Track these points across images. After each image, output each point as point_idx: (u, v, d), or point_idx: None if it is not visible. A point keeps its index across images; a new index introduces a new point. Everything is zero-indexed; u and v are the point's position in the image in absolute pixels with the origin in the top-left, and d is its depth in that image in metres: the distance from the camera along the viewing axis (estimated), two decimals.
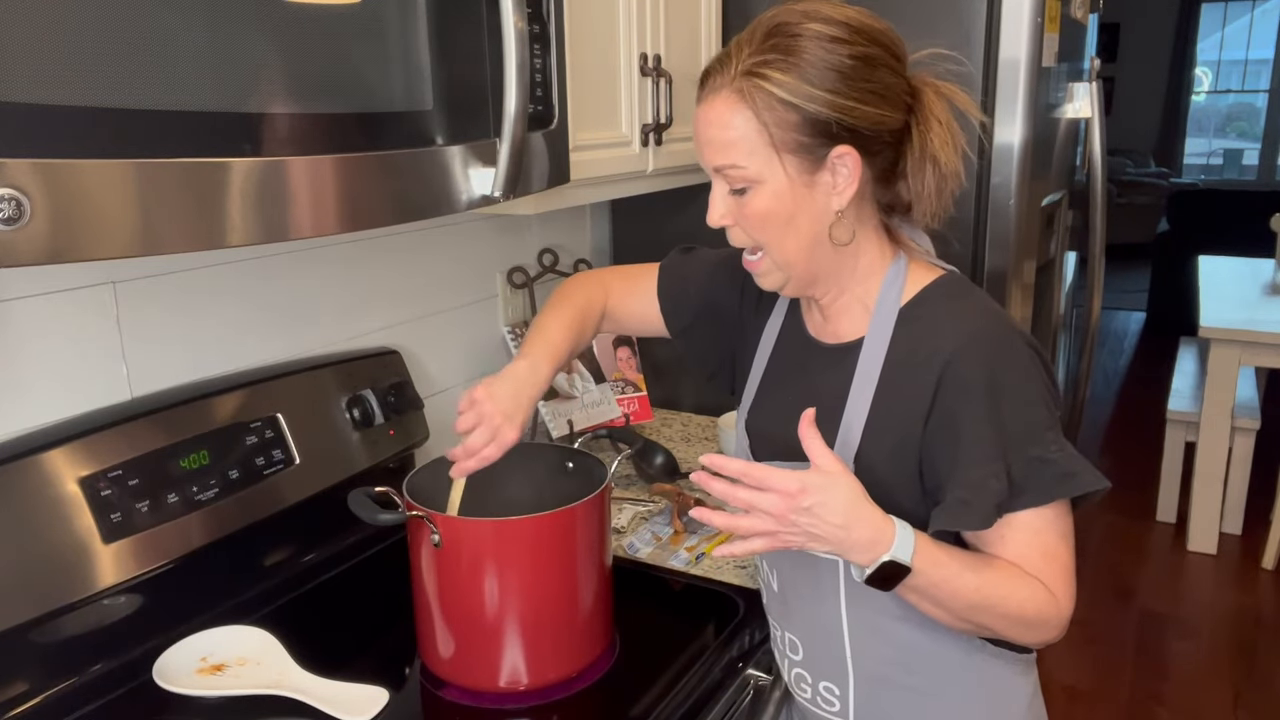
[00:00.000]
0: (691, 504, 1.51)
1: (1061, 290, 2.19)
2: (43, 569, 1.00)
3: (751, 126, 0.91)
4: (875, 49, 0.91)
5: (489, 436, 1.05)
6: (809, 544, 0.88)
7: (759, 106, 0.90)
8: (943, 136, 0.94)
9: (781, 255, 0.97)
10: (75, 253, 0.68)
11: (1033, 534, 0.91)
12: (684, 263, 1.24)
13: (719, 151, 0.93)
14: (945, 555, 0.89)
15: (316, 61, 0.83)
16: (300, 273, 1.40)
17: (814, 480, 0.86)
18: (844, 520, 0.86)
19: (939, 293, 0.98)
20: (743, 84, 0.90)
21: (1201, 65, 8.95)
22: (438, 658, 1.10)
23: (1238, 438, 3.44)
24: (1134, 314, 7.01)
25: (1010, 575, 0.90)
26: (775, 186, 0.92)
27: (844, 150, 0.91)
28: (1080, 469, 0.91)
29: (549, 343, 1.14)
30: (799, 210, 0.93)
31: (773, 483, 0.86)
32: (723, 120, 0.92)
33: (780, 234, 0.95)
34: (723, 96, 0.92)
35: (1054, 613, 0.91)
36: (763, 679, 1.20)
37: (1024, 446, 0.90)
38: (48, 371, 1.10)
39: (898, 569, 0.86)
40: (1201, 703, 2.68)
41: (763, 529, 0.87)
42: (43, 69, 0.64)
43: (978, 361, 0.91)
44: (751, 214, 0.94)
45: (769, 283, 1.01)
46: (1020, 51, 1.55)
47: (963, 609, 0.90)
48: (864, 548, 0.86)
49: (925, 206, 0.97)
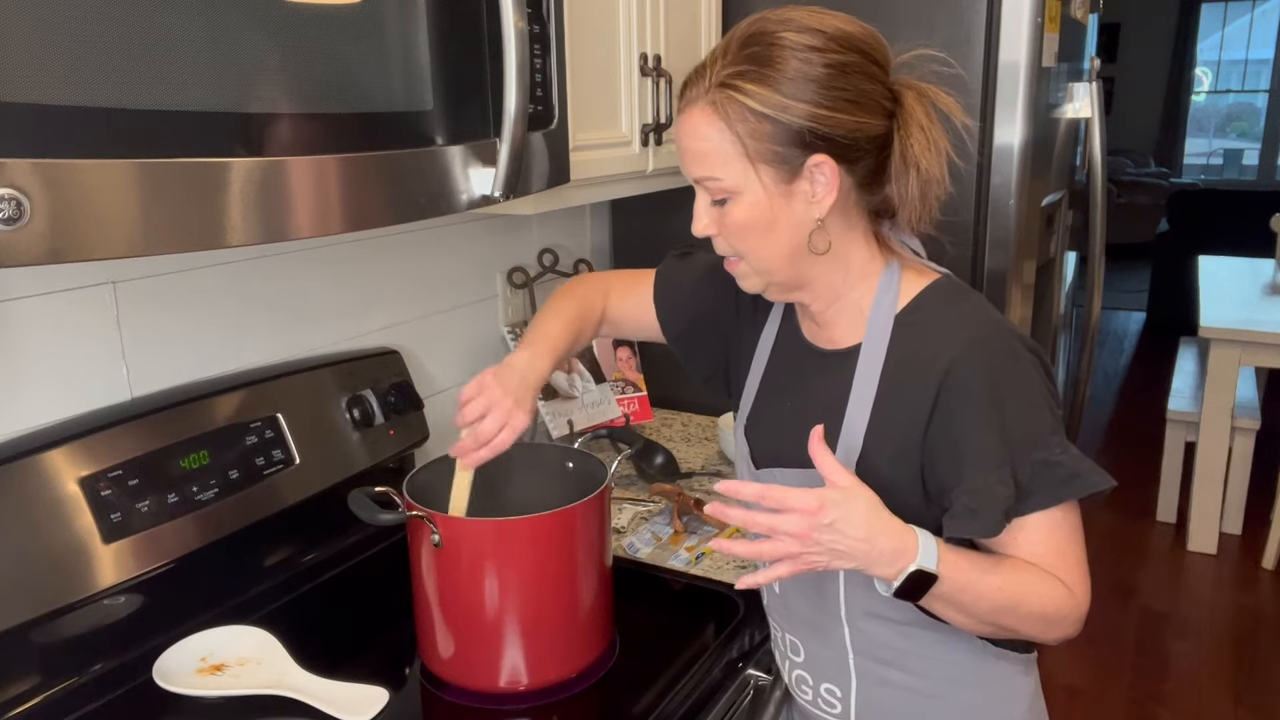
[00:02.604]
0: (691, 504, 1.51)
1: (1061, 290, 2.19)
2: (43, 569, 1.00)
3: (726, 138, 0.91)
4: (852, 56, 0.90)
5: (501, 421, 1.05)
6: (834, 562, 0.87)
7: (732, 118, 0.90)
8: (923, 142, 0.93)
9: (761, 263, 0.97)
10: (75, 253, 0.68)
11: (1044, 534, 0.91)
12: (679, 268, 1.23)
13: (697, 163, 0.94)
14: (966, 560, 0.89)
15: (316, 61, 0.83)
16: (300, 273, 1.40)
17: (832, 495, 0.85)
18: (867, 533, 0.85)
19: (935, 297, 0.98)
20: (716, 95, 0.90)
21: (1201, 65, 8.95)
22: (438, 658, 1.10)
23: (1238, 438, 3.44)
24: (1134, 314, 7.01)
25: (1029, 574, 0.91)
26: (753, 197, 0.92)
27: (820, 159, 0.90)
28: (1085, 469, 0.91)
29: (548, 336, 1.14)
30: (777, 219, 0.93)
31: (791, 502, 0.85)
32: (698, 132, 0.92)
33: (759, 243, 0.95)
34: (698, 108, 0.92)
35: (1073, 607, 0.92)
36: (763, 679, 1.20)
37: (1029, 451, 0.90)
38: (48, 371, 1.10)
39: (925, 578, 0.86)
40: (1201, 703, 2.68)
41: (785, 552, 0.86)
42: (43, 69, 0.64)
43: (978, 367, 0.91)
44: (731, 224, 0.95)
45: (749, 285, 1.01)
46: (1020, 52, 1.55)
47: (987, 611, 0.90)
48: (889, 559, 0.86)
49: (909, 212, 0.96)
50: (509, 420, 1.05)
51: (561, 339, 1.15)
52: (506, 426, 1.05)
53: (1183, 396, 3.68)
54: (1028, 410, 0.91)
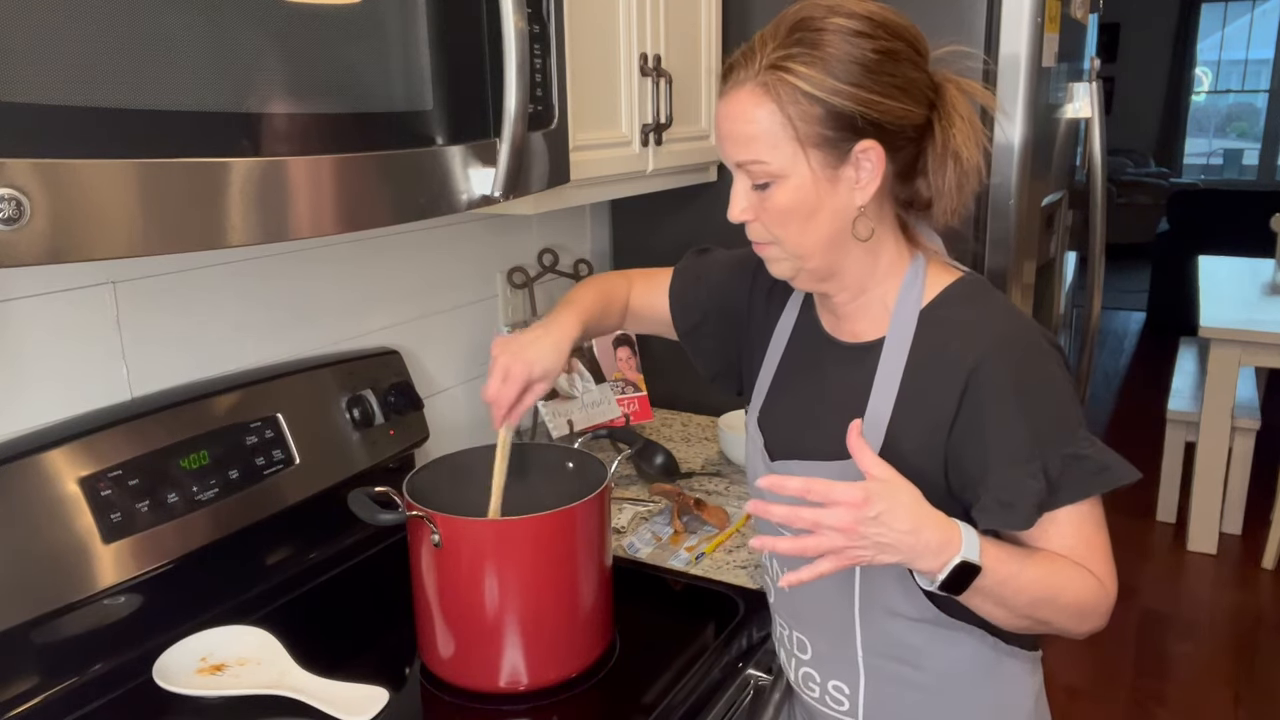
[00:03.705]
0: (691, 504, 1.51)
1: (1061, 290, 2.19)
2: (43, 569, 1.00)
3: (776, 120, 0.90)
4: (898, 43, 0.91)
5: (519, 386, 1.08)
6: (878, 557, 0.86)
7: (783, 100, 0.89)
8: (965, 132, 0.94)
9: (798, 249, 0.95)
10: (75, 253, 0.68)
11: (1074, 527, 0.92)
12: (696, 264, 1.24)
13: (742, 146, 0.92)
14: (1005, 552, 0.89)
15: (316, 61, 0.83)
16: (300, 273, 1.40)
17: (876, 489, 0.84)
18: (912, 525, 0.84)
19: (960, 295, 0.98)
20: (767, 77, 0.90)
21: (1201, 65, 8.95)
22: (438, 658, 1.10)
23: (1238, 438, 3.44)
24: (1134, 314, 7.01)
25: (1063, 566, 0.91)
26: (798, 181, 0.92)
27: (868, 144, 0.91)
28: (1113, 462, 0.92)
29: (575, 304, 1.16)
30: (821, 205, 0.93)
31: (837, 495, 0.84)
32: (746, 114, 0.91)
33: (800, 229, 0.94)
34: (747, 90, 0.91)
35: (1103, 598, 0.92)
36: (763, 679, 1.20)
37: (1059, 445, 0.90)
38: (48, 371, 1.10)
39: (970, 570, 0.86)
40: (1201, 703, 2.68)
41: (830, 546, 0.85)
42: (43, 69, 0.64)
43: (1005, 365, 0.91)
44: (773, 208, 0.93)
45: (779, 270, 1.00)
46: (1020, 51, 1.55)
47: (1026, 604, 0.90)
48: (934, 552, 0.85)
49: (946, 204, 0.96)
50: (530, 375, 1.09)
51: (589, 308, 1.17)
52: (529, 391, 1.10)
53: (1183, 396, 3.68)
54: (1056, 405, 0.91)
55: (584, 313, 1.16)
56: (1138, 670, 2.84)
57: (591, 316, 1.17)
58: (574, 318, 1.14)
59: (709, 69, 1.71)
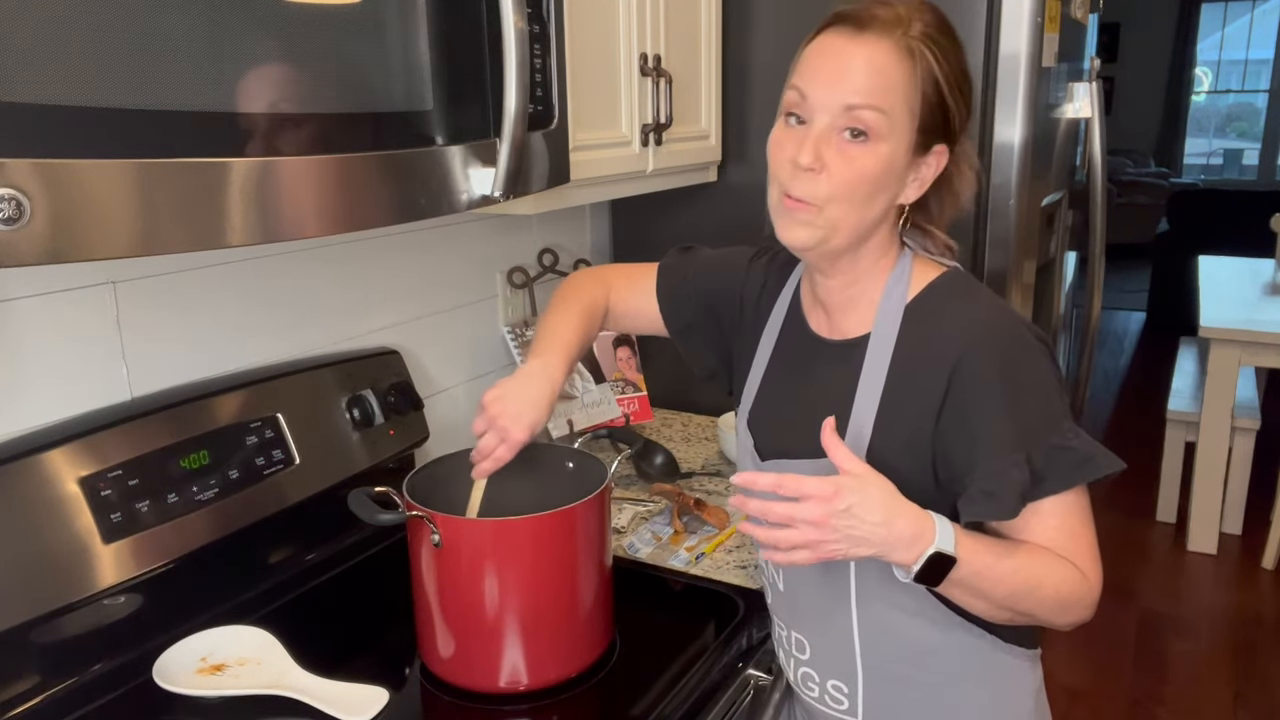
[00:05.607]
0: (691, 504, 1.51)
1: (1061, 290, 2.19)
2: (43, 569, 1.00)
3: (910, 85, 0.90)
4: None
5: (498, 439, 1.08)
6: (852, 550, 0.88)
7: (921, 72, 0.90)
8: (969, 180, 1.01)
9: (840, 220, 0.93)
10: (75, 253, 0.68)
11: (1058, 519, 0.92)
12: (683, 263, 1.24)
13: (866, 90, 0.89)
14: (982, 544, 0.90)
15: (316, 61, 0.83)
16: (300, 273, 1.40)
17: (847, 482, 0.87)
18: (884, 517, 0.86)
19: (945, 289, 0.99)
20: (916, 45, 0.90)
21: (1201, 65, 8.95)
22: (438, 658, 1.10)
23: (1238, 438, 3.44)
24: (1134, 314, 7.01)
25: (1044, 558, 0.91)
26: (893, 151, 0.91)
27: (943, 149, 0.95)
28: (1097, 452, 0.92)
29: (559, 339, 1.16)
30: (889, 186, 0.94)
31: (808, 489, 0.86)
32: (886, 65, 0.89)
33: (863, 199, 0.92)
34: (891, 42, 0.90)
35: (1087, 590, 0.93)
36: (763, 679, 1.20)
37: (1043, 435, 0.91)
38: (48, 371, 1.10)
39: (944, 561, 0.87)
40: (1201, 703, 2.68)
41: (803, 540, 0.87)
42: (43, 69, 0.64)
43: (990, 356, 0.92)
44: (852, 167, 0.90)
45: (799, 235, 0.95)
46: (1020, 51, 1.55)
47: (1004, 596, 0.91)
48: (907, 543, 0.87)
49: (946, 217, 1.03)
50: (506, 438, 1.08)
51: (573, 340, 1.17)
52: (504, 444, 1.09)
53: (1183, 396, 3.68)
54: (1040, 396, 0.92)
55: (570, 350, 1.16)
56: (1137, 670, 2.84)
57: (577, 351, 1.18)
58: (560, 360, 1.14)
59: (709, 69, 1.71)
